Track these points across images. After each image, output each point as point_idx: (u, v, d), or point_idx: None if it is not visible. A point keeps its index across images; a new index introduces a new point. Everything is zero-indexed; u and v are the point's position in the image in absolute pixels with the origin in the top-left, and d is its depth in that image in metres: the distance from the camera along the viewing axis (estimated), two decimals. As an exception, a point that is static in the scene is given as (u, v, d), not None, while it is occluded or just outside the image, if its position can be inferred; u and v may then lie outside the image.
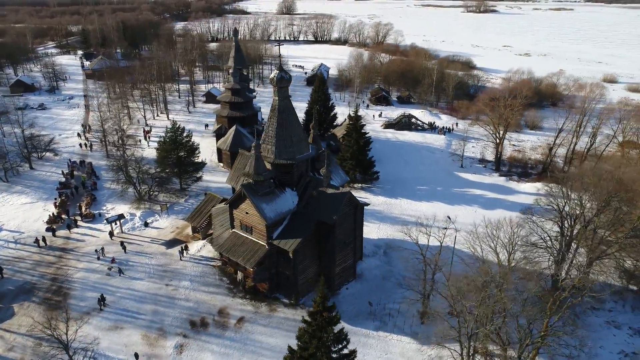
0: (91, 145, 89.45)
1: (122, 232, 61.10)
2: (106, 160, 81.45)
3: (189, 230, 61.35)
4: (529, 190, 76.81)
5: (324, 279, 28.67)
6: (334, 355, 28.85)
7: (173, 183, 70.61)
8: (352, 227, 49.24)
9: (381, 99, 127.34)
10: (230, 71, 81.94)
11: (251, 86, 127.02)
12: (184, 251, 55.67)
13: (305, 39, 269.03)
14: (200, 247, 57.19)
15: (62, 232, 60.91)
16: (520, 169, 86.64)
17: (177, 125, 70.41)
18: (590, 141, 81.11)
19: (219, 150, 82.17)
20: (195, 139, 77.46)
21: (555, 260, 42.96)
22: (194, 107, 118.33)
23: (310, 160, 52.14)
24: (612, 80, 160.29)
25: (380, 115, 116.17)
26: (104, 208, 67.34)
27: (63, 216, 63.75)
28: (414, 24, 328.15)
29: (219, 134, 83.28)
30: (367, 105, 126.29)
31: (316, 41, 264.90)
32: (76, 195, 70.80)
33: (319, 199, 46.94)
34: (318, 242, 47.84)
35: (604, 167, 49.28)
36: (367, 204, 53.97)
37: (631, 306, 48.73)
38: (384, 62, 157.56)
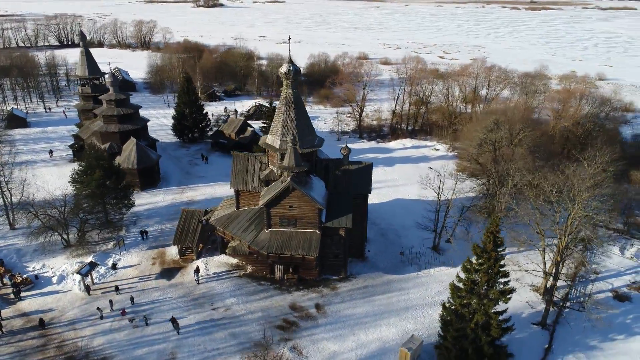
0: None
1: (93, 283, 49.90)
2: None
3: (170, 255, 54.98)
4: (398, 146, 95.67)
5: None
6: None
7: (101, 218, 59.46)
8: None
9: (212, 95, 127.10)
10: (107, 79, 71.12)
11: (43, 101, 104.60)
12: (197, 274, 50.63)
13: (46, 43, 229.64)
14: (206, 266, 52.74)
15: (6, 311, 45.60)
16: (374, 132, 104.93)
17: (96, 147, 59.01)
18: (423, 101, 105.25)
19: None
20: (45, 169, 64.81)
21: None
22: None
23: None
24: (365, 58, 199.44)
25: (226, 110, 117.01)
26: (31, 269, 52.23)
27: (-14, 294, 47.16)
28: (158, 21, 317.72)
29: (111, 154, 71.76)
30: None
31: (62, 45, 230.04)
32: (-36, 269, 51.85)
33: (347, 176, 51.37)
34: (349, 216, 52.35)
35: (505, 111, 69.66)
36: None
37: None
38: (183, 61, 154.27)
